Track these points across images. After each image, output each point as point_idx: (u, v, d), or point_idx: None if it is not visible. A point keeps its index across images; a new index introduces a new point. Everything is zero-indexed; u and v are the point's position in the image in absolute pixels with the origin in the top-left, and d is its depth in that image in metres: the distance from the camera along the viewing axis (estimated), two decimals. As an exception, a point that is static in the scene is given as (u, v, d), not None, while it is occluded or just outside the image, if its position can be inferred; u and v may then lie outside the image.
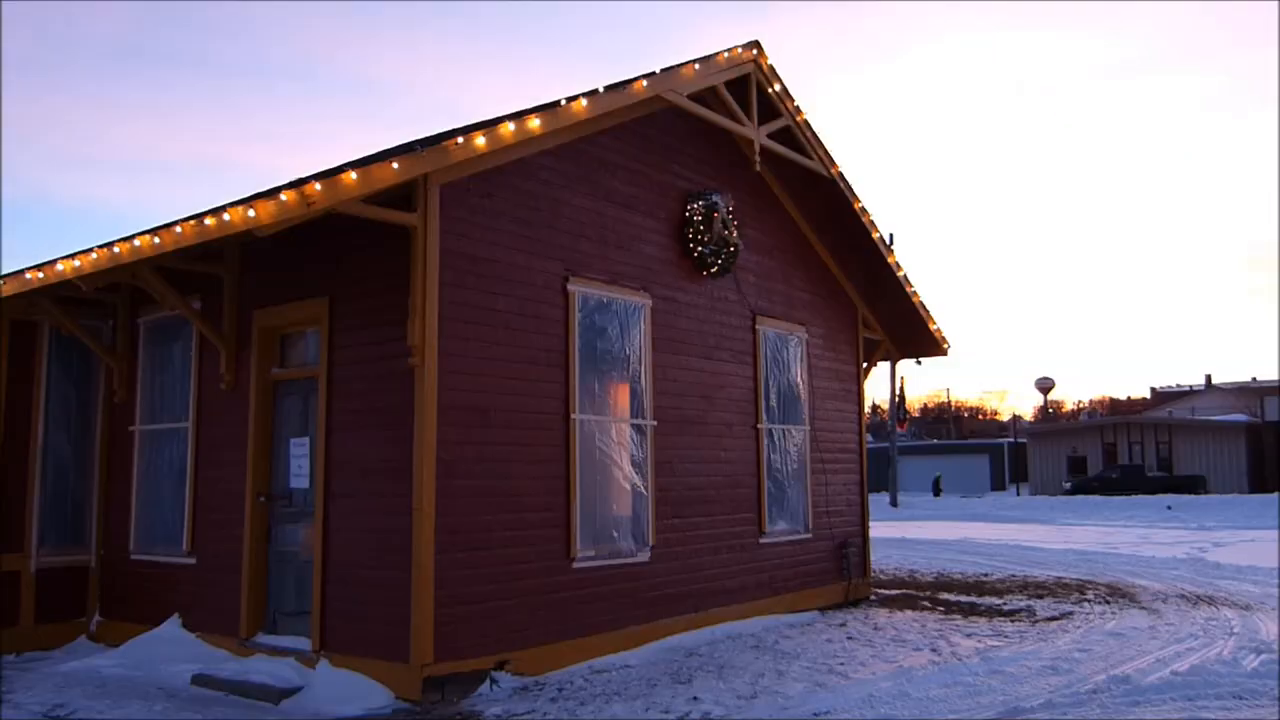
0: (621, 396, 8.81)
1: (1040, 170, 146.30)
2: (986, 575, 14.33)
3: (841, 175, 11.09)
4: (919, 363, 13.78)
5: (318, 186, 6.35)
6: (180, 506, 8.85)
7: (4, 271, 9.09)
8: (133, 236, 7.68)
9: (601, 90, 8.18)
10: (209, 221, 6.86)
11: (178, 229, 7.15)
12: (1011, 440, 57.79)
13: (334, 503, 7.59)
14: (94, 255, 7.81)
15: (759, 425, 10.41)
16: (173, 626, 8.48)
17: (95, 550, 9.53)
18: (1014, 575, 14.28)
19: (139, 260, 7.50)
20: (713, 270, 9.81)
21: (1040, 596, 11.88)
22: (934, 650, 8.38)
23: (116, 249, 7.61)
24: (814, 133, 10.74)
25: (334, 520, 7.57)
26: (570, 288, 8.30)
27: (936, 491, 50.46)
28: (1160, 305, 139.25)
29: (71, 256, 8.09)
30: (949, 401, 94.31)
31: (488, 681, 7.15)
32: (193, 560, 8.66)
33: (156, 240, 7.26)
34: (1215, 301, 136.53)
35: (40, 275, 8.29)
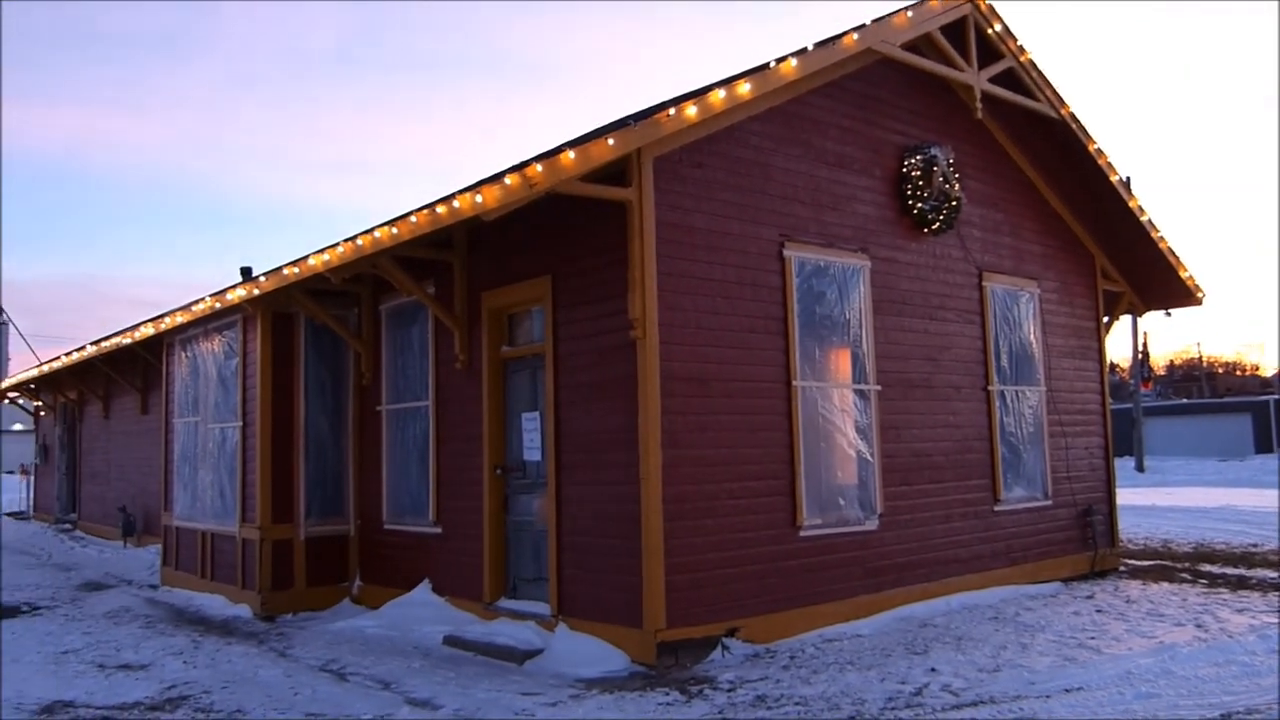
0: (842, 362, 8.60)
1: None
2: (1256, 545, 12.99)
3: (1073, 115, 10.29)
4: (1168, 314, 12.65)
5: (539, 168, 6.54)
6: (425, 480, 9.47)
7: (263, 270, 9.99)
8: (373, 229, 8.23)
9: (810, 48, 7.95)
10: (440, 210, 7.24)
11: (413, 219, 7.59)
12: (1278, 397, 51.94)
13: (565, 474, 7.87)
14: (340, 249, 8.44)
15: (989, 387, 9.88)
16: (424, 591, 9.12)
17: (353, 520, 10.38)
18: (1289, 545, 12.88)
19: (379, 251, 8.03)
20: (934, 227, 9.37)
21: (1324, 569, 10.65)
22: (1199, 626, 7.70)
23: (359, 241, 8.18)
24: (1040, 73, 10.01)
25: (565, 490, 7.85)
26: (786, 253, 8.17)
27: None
28: None
29: (321, 251, 8.77)
30: (1199, 357, 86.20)
31: (719, 648, 7.22)
32: (439, 530, 9.25)
33: (394, 231, 7.75)
34: None
35: (295, 270, 9.05)
